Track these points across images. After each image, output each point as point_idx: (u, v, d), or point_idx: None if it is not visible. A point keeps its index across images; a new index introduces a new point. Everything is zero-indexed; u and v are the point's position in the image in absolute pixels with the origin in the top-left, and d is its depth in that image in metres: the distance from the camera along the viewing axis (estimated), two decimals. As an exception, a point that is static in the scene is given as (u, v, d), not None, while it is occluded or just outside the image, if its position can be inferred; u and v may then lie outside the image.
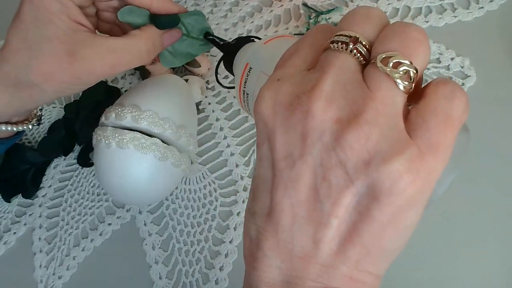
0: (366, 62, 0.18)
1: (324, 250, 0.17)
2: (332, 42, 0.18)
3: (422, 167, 0.16)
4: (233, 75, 0.35)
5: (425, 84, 0.18)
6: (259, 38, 0.35)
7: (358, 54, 0.18)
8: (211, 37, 0.37)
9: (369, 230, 0.17)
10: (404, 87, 0.17)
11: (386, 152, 0.16)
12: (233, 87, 0.49)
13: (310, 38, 0.21)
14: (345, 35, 0.18)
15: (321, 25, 0.21)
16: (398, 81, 0.17)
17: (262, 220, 0.19)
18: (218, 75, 0.48)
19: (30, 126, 0.37)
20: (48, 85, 0.30)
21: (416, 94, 0.18)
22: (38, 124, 0.38)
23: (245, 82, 0.29)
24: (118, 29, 0.36)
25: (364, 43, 0.18)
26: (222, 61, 0.36)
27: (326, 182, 0.17)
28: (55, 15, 0.29)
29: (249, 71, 0.29)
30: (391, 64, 0.17)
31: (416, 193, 0.16)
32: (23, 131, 0.38)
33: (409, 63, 0.17)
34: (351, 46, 0.18)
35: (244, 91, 0.29)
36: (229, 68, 0.35)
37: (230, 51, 0.34)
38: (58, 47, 0.29)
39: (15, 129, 0.35)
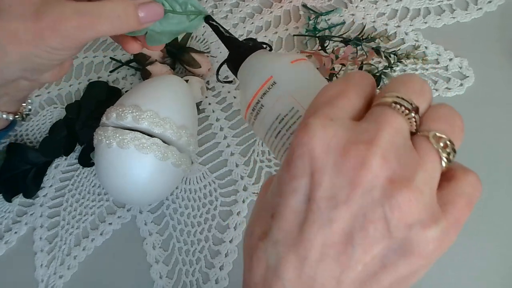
0: (415, 131, 0.20)
1: None
2: (395, 103, 0.19)
3: (446, 237, 0.18)
4: (234, 74, 0.34)
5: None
6: (269, 45, 0.34)
7: (414, 123, 0.20)
8: (214, 23, 0.33)
9: (389, 280, 0.18)
10: (445, 165, 0.19)
11: (426, 219, 0.18)
12: (229, 82, 0.48)
13: (355, 84, 0.21)
14: (407, 101, 0.20)
15: (363, 73, 0.22)
16: (444, 160, 0.19)
17: (286, 250, 0.19)
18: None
19: (11, 117, 0.37)
20: (13, 47, 0.29)
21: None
22: (23, 119, 0.38)
23: (264, 93, 0.29)
24: None
25: (420, 114, 0.20)
26: (227, 60, 0.33)
27: (364, 232, 0.18)
28: None
29: (271, 85, 0.28)
30: (441, 144, 0.19)
31: (436, 257, 0.19)
32: (12, 125, 0.38)
33: (454, 147, 0.19)
34: (412, 114, 0.19)
35: (259, 101, 0.29)
36: (234, 68, 0.33)
37: (241, 51, 0.32)
38: (27, 8, 0.29)
39: None
